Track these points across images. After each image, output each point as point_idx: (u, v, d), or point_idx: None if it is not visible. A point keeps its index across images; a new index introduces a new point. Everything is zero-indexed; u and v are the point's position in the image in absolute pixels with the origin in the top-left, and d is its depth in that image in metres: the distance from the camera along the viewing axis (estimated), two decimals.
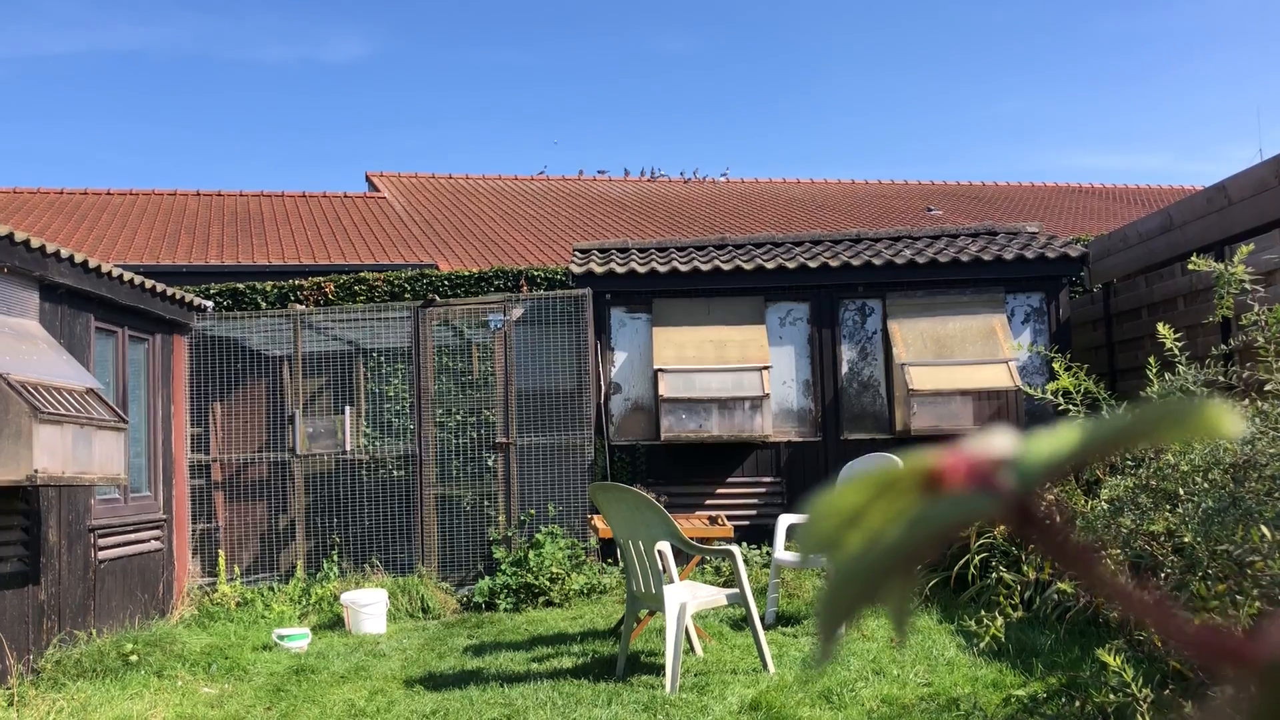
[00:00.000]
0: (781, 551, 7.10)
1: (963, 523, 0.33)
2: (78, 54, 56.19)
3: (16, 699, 4.76)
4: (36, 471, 5.38)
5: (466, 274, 9.82)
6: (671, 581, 6.01)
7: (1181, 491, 3.61)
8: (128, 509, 7.51)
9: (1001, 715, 4.28)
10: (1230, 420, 0.31)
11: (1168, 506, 3.75)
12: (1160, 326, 4.40)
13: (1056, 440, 0.33)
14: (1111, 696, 2.99)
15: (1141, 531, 3.82)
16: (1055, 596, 3.33)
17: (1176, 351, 4.27)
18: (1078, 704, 3.56)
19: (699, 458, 9.11)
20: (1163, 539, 3.83)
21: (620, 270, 9.14)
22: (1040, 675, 4.82)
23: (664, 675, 5.33)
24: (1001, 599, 3.55)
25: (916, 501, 0.32)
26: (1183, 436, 0.31)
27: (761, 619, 5.87)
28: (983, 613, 3.58)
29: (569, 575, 8.18)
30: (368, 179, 20.94)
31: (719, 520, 7.25)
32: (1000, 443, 0.34)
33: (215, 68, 62.21)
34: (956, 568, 7.27)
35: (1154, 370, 4.31)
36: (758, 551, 8.49)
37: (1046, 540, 0.32)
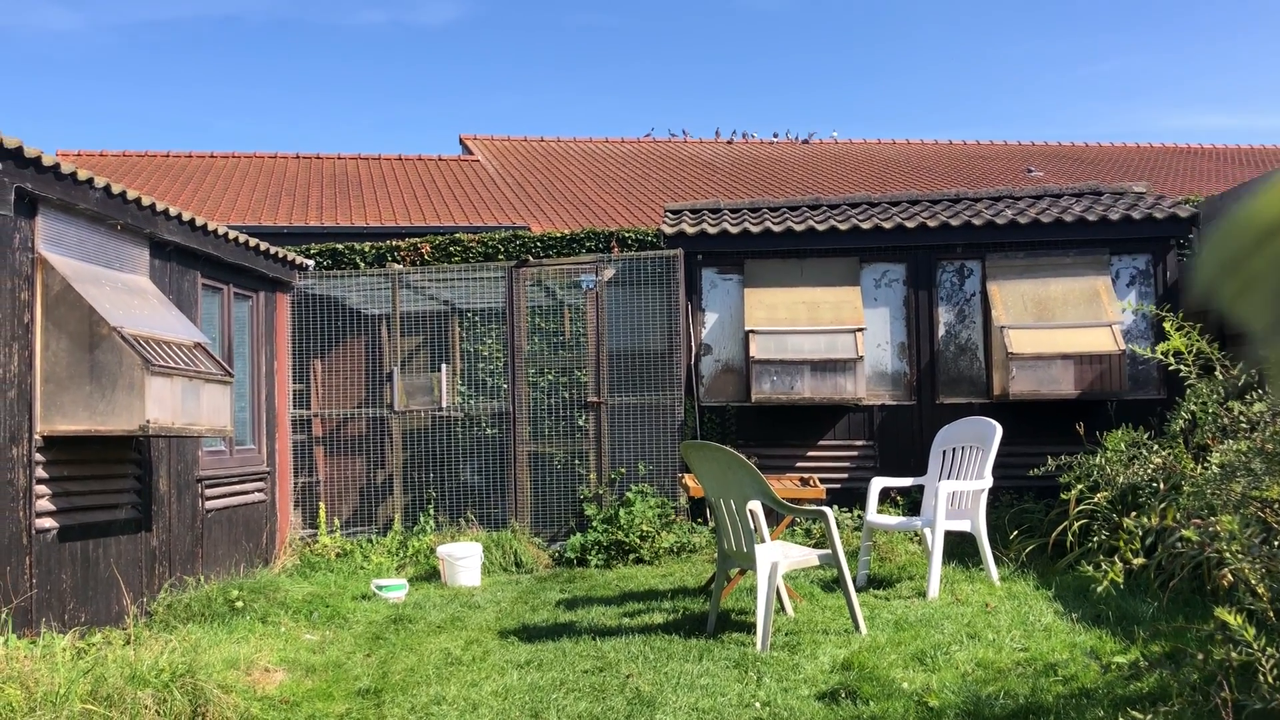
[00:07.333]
0: (874, 514, 7.04)
1: None
2: (181, 19, 57.53)
3: (133, 639, 4.97)
4: (148, 422, 5.58)
5: (559, 235, 9.85)
6: (763, 541, 6.01)
7: None
8: (233, 461, 7.76)
9: (1102, 682, 4.19)
10: None
11: None
12: None
13: None
14: (1235, 654, 2.90)
15: (1254, 498, 3.69)
16: (1178, 545, 3.23)
17: None
18: (1185, 670, 3.46)
19: (789, 420, 9.06)
20: (1277, 506, 3.69)
21: (712, 231, 9.09)
22: (1142, 643, 4.71)
23: (755, 633, 5.34)
24: (1122, 544, 3.47)
25: None
26: None
27: (853, 581, 5.84)
28: (1101, 558, 3.50)
29: (659, 533, 8.24)
30: (461, 142, 21.12)
31: (811, 481, 7.20)
32: None
33: (311, 31, 63.12)
34: (1055, 534, 7.13)
35: None
36: (849, 515, 8.43)
37: None
